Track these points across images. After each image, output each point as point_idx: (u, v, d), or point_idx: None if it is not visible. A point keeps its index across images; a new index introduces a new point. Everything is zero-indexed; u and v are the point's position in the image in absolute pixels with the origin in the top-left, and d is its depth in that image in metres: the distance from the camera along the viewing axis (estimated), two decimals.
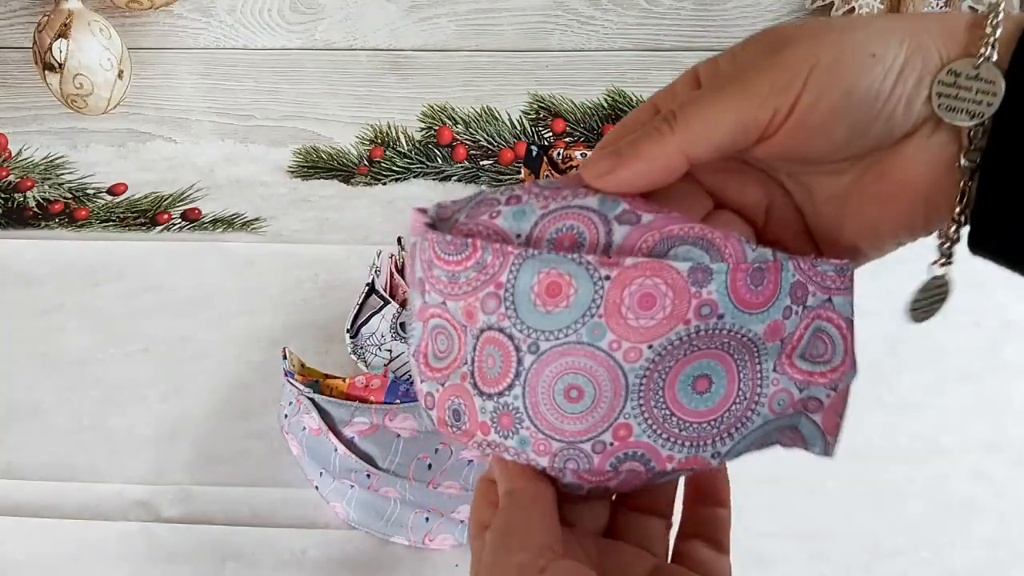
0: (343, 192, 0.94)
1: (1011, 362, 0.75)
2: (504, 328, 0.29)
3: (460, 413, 0.31)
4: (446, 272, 0.30)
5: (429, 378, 0.32)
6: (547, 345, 0.29)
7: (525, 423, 0.30)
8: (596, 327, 0.28)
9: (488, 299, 0.29)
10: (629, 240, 0.29)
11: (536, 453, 0.30)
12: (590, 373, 0.29)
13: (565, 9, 0.91)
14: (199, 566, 0.63)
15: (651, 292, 0.28)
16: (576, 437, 0.29)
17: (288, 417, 0.66)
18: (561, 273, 0.28)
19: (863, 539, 0.64)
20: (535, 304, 0.29)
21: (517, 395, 0.29)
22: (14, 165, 0.96)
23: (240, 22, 0.93)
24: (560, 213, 0.30)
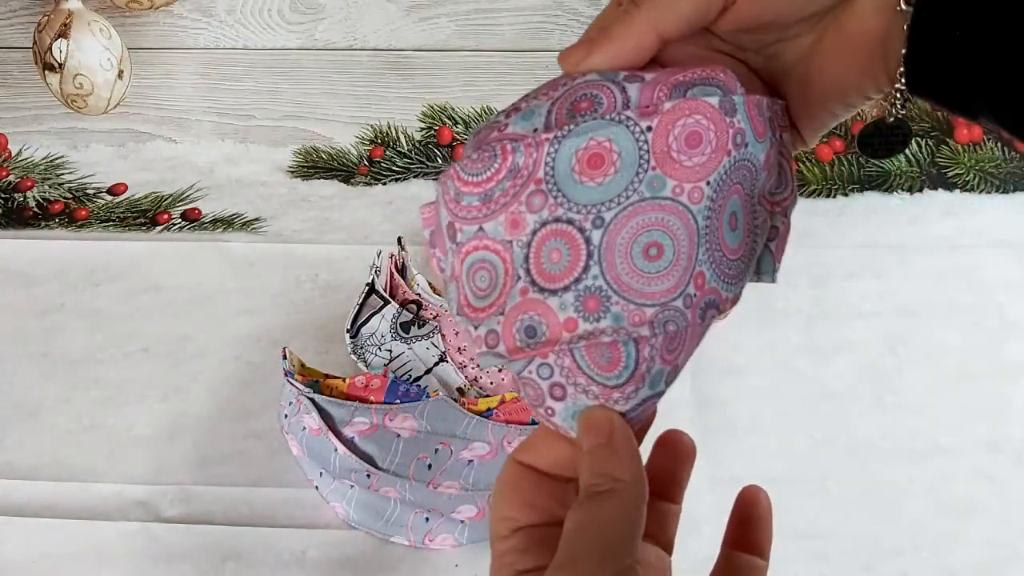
0: (343, 192, 0.94)
1: (1011, 362, 0.75)
2: (560, 216, 0.29)
3: (535, 327, 0.29)
4: (478, 194, 0.29)
5: (483, 318, 0.30)
6: (611, 214, 0.29)
7: (613, 299, 0.29)
8: (654, 179, 0.29)
9: (532, 198, 0.29)
10: (644, 95, 0.29)
11: (633, 324, 0.29)
12: (664, 225, 0.29)
13: (565, 9, 0.91)
14: (199, 566, 0.63)
15: (696, 129, 0.29)
16: (667, 297, 0.29)
17: (288, 417, 0.66)
18: (600, 141, 0.28)
19: (863, 539, 0.64)
20: (581, 182, 0.28)
21: (596, 274, 0.29)
22: (14, 165, 0.96)
23: (240, 22, 0.93)
24: (568, 92, 0.30)
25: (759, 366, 0.74)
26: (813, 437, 0.70)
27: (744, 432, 0.70)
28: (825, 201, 0.89)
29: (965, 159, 0.90)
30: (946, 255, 0.83)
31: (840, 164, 0.91)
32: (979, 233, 0.85)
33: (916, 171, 0.91)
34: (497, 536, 0.30)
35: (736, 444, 0.69)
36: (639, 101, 0.29)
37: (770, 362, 0.75)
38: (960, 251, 0.83)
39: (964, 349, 0.76)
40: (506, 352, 0.30)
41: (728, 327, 0.73)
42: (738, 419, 0.70)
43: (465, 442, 0.64)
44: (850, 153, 0.92)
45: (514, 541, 0.30)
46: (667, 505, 0.35)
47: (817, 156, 0.91)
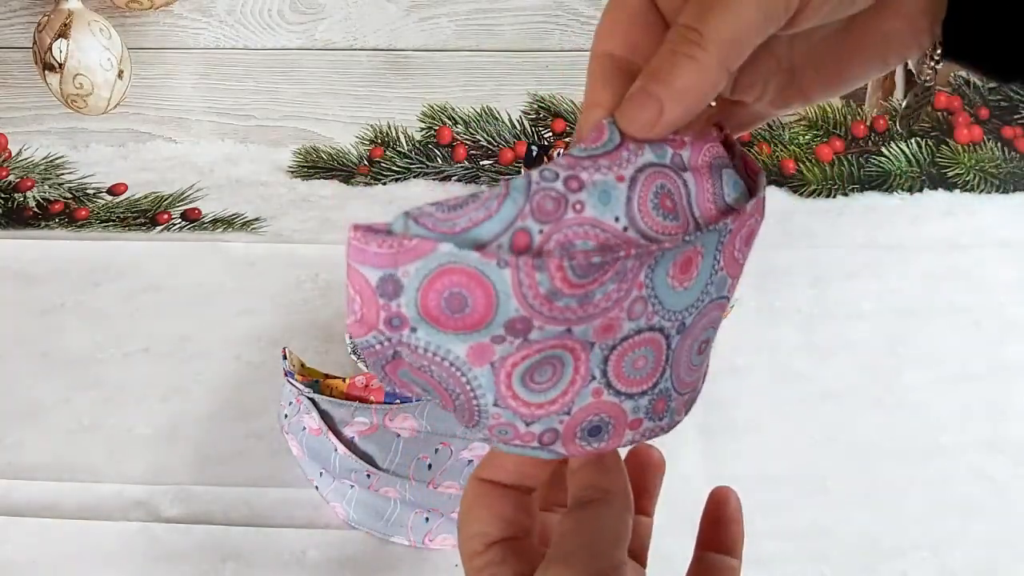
0: (343, 192, 0.94)
1: (1011, 362, 0.75)
2: (655, 325, 0.28)
3: (601, 427, 0.29)
4: (578, 296, 0.26)
5: (540, 416, 0.28)
6: (691, 319, 0.29)
7: (673, 396, 0.30)
8: (722, 280, 0.29)
9: (635, 304, 0.27)
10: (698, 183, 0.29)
11: (678, 415, 0.31)
12: (715, 323, 0.30)
13: (565, 9, 0.91)
14: (199, 566, 0.63)
15: (752, 230, 0.30)
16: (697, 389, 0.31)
17: (288, 417, 0.66)
18: (694, 249, 0.28)
19: (863, 539, 0.64)
20: (674, 288, 0.28)
21: (668, 377, 0.30)
22: (14, 165, 0.96)
23: (240, 22, 0.93)
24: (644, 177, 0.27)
25: (759, 366, 0.74)
26: (813, 437, 0.70)
27: (744, 432, 0.70)
28: (825, 201, 0.89)
29: (965, 159, 0.90)
30: (946, 255, 0.83)
31: (840, 164, 0.91)
32: (979, 233, 0.85)
33: (916, 171, 0.91)
34: (472, 553, 0.31)
35: (736, 444, 0.69)
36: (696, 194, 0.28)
37: (770, 362, 0.75)
38: (960, 251, 0.83)
39: (964, 349, 0.76)
40: (563, 451, 0.29)
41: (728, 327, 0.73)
42: (738, 419, 0.70)
43: (465, 442, 0.64)
44: (850, 153, 0.92)
45: (490, 555, 0.30)
46: (639, 518, 0.36)
47: (817, 156, 0.91)
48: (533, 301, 0.25)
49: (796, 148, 0.92)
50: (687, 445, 0.67)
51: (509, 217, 0.26)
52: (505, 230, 0.25)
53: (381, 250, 0.25)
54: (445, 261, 0.25)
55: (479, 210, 0.25)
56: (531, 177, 0.26)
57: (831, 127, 0.93)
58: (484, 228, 0.25)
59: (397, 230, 0.25)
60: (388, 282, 0.25)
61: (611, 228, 0.26)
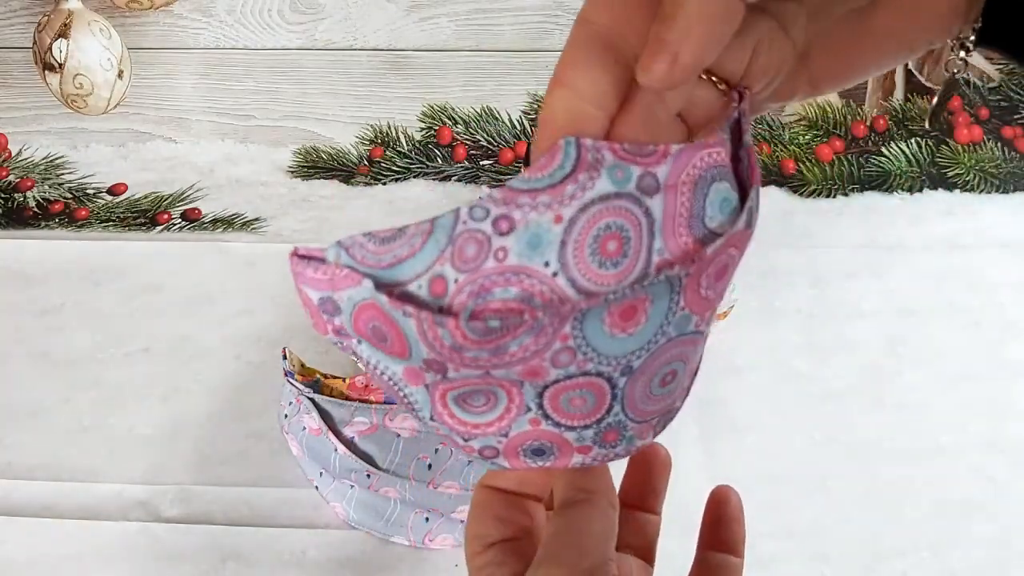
0: (343, 192, 0.94)
1: (1011, 362, 0.75)
2: (589, 371, 0.26)
3: (545, 450, 0.29)
4: (489, 349, 0.25)
5: (477, 435, 0.28)
6: (639, 361, 0.27)
7: (629, 426, 0.29)
8: (682, 319, 0.27)
9: (559, 355, 0.25)
10: (668, 213, 0.26)
11: (641, 439, 0.30)
12: (682, 357, 0.28)
13: (565, 9, 0.91)
14: (199, 566, 0.63)
15: (724, 264, 0.27)
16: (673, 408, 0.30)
17: (288, 417, 0.66)
18: (636, 298, 0.25)
19: (863, 539, 0.64)
20: (611, 335, 0.26)
21: (617, 412, 0.28)
22: (14, 165, 0.96)
23: (240, 22, 0.93)
24: (586, 218, 0.25)
25: (759, 366, 0.74)
26: (813, 437, 0.70)
27: (744, 432, 0.70)
28: (825, 201, 0.89)
29: (965, 159, 0.90)
30: (946, 255, 0.83)
31: (840, 164, 0.91)
32: (979, 233, 0.85)
33: (916, 171, 0.91)
34: (473, 554, 0.32)
35: (736, 444, 0.69)
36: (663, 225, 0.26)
37: (770, 362, 0.75)
38: (960, 251, 0.83)
39: (964, 349, 0.76)
40: (507, 465, 0.30)
41: (728, 327, 0.73)
42: (738, 419, 0.70)
43: None
44: (850, 153, 0.92)
45: (489, 555, 0.32)
46: (646, 516, 0.36)
47: (817, 156, 0.91)
48: (441, 351, 0.25)
49: (796, 148, 0.92)
50: (687, 445, 0.67)
51: (430, 259, 0.25)
52: (426, 270, 0.25)
53: (317, 275, 0.26)
54: (367, 296, 0.25)
55: (403, 247, 0.25)
56: (459, 215, 0.25)
57: (831, 127, 0.93)
58: (406, 266, 0.25)
59: (330, 259, 0.26)
60: (327, 302, 0.26)
61: (538, 274, 0.25)
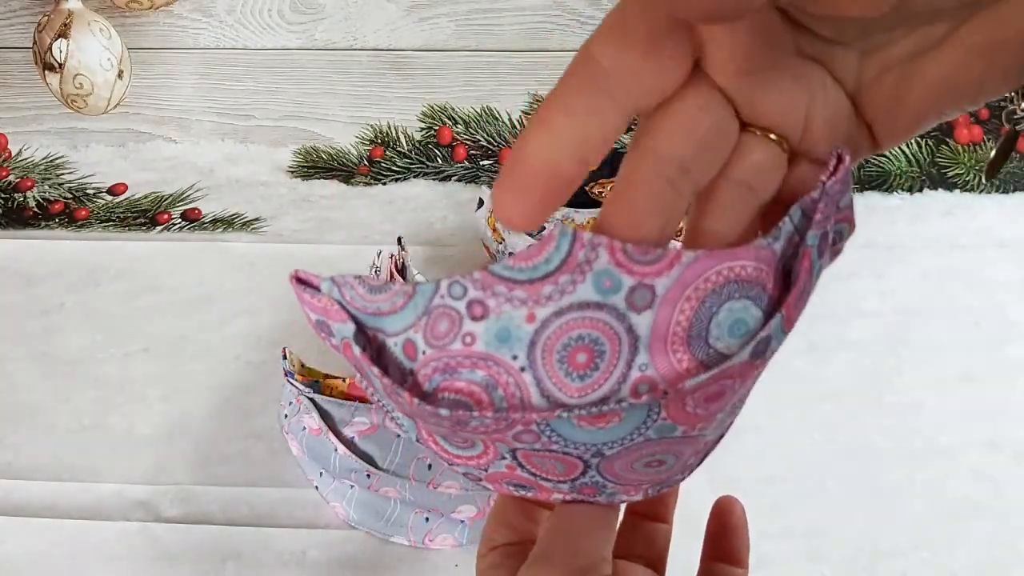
0: (343, 192, 0.94)
1: (1011, 362, 0.75)
2: (555, 450, 0.25)
3: (525, 487, 0.29)
4: (447, 425, 0.25)
5: (459, 464, 0.28)
6: (612, 451, 0.25)
7: (609, 487, 0.28)
8: (664, 427, 0.25)
9: (522, 435, 0.25)
10: (658, 330, 0.24)
11: (627, 495, 0.29)
12: (670, 451, 0.26)
13: (565, 9, 0.91)
14: (199, 566, 0.63)
15: (718, 391, 0.24)
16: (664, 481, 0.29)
17: (288, 417, 0.66)
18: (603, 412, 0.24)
19: (863, 539, 0.64)
20: (580, 426, 0.24)
21: (594, 474, 0.27)
22: (14, 165, 0.96)
23: (240, 22, 0.93)
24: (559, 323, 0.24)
25: None
26: (813, 437, 0.70)
27: (743, 432, 0.69)
28: None
29: (965, 159, 0.90)
30: (946, 255, 0.83)
31: None
32: (979, 233, 0.85)
33: (916, 171, 0.91)
34: (479, 555, 0.33)
35: (735, 444, 0.68)
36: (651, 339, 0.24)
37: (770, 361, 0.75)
38: (960, 251, 0.83)
39: (964, 349, 0.75)
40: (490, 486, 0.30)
41: None
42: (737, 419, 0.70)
43: None
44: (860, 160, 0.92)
45: (491, 558, 0.32)
46: (655, 525, 0.36)
47: None
48: (408, 409, 0.25)
49: None
50: None
51: (407, 322, 0.25)
52: (403, 331, 0.25)
53: (313, 301, 0.26)
54: (349, 335, 0.25)
55: (386, 302, 0.25)
56: (439, 287, 0.25)
57: None
58: (388, 320, 0.25)
59: (324, 291, 0.26)
60: (322, 326, 0.26)
61: (505, 364, 0.24)
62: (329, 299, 0.26)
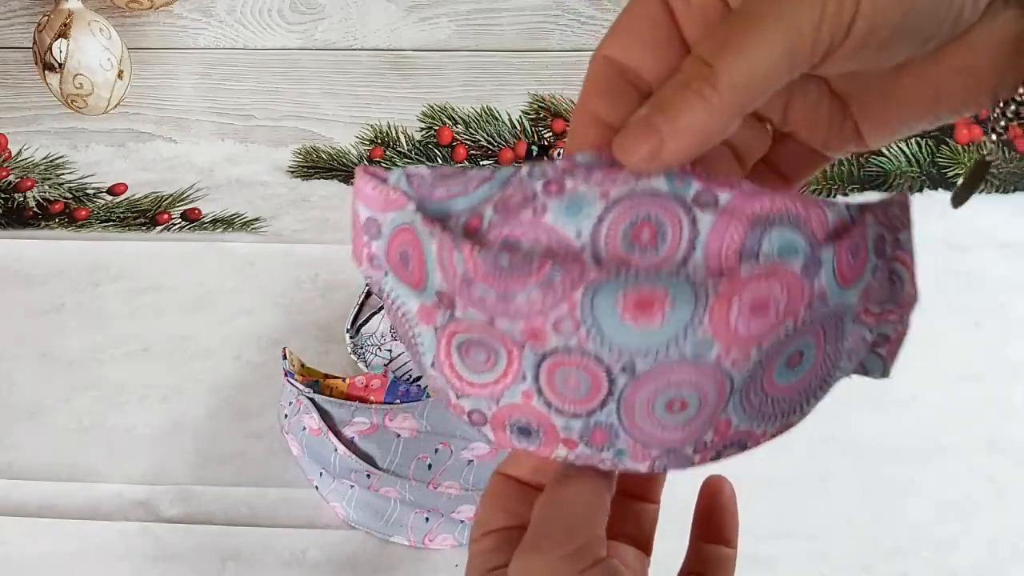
0: (343, 192, 0.94)
1: (1011, 362, 0.75)
2: (588, 351, 0.25)
3: (531, 431, 0.27)
4: (496, 292, 0.25)
5: (471, 393, 0.27)
6: (644, 364, 0.25)
7: (621, 437, 0.27)
8: (703, 342, 0.25)
9: (562, 321, 0.25)
10: (716, 231, 0.25)
11: (634, 460, 0.27)
12: (695, 386, 0.26)
13: (565, 9, 0.91)
14: (199, 566, 0.63)
15: (765, 297, 0.25)
16: (677, 444, 0.27)
17: (288, 417, 0.66)
18: (655, 290, 0.24)
19: (863, 539, 0.64)
20: (622, 320, 0.25)
21: (611, 411, 0.26)
22: (14, 165, 0.96)
23: (240, 22, 0.93)
24: (628, 202, 0.25)
25: None
26: (812, 437, 0.70)
27: None
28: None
29: (965, 159, 0.90)
30: (946, 255, 0.83)
31: (840, 164, 0.91)
32: (979, 233, 0.85)
33: (916, 171, 0.91)
34: (472, 540, 0.32)
35: None
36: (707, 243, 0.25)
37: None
38: (960, 251, 0.83)
39: (964, 349, 0.75)
40: (492, 438, 0.28)
41: None
42: None
43: (465, 442, 0.64)
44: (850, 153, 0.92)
45: (484, 543, 0.31)
46: (643, 505, 0.35)
47: None
48: (452, 280, 0.26)
49: None
50: None
51: (477, 200, 0.26)
52: (469, 209, 0.26)
53: (373, 193, 0.27)
54: (407, 220, 0.26)
55: (458, 185, 0.26)
56: (520, 171, 0.26)
57: None
58: (456, 202, 0.26)
59: (391, 181, 0.27)
60: (372, 224, 0.27)
61: (566, 240, 0.25)
62: (393, 188, 0.27)
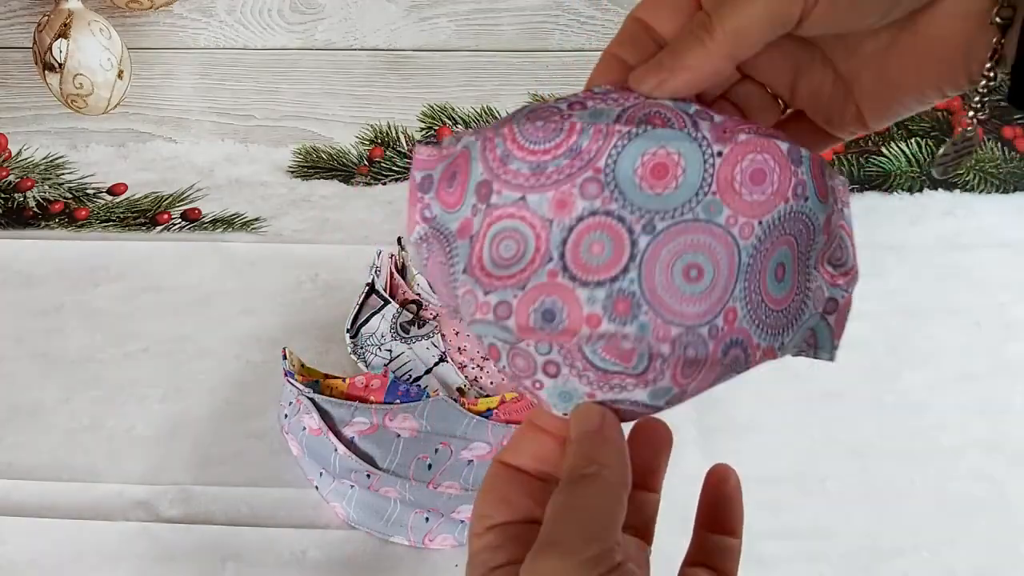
0: (343, 192, 0.94)
1: (1011, 362, 0.75)
2: (612, 211, 0.28)
3: (555, 312, 0.28)
4: (530, 163, 0.29)
5: (497, 287, 0.29)
6: (663, 224, 0.28)
7: (643, 308, 0.28)
8: (712, 204, 0.28)
9: (588, 184, 0.28)
10: (714, 129, 0.29)
11: (657, 339, 0.28)
12: (709, 251, 0.28)
13: (565, 9, 0.91)
14: (199, 566, 0.63)
15: (762, 168, 0.29)
16: (695, 320, 0.28)
17: (288, 417, 0.66)
18: (669, 152, 0.28)
19: (863, 539, 0.64)
20: (640, 186, 0.28)
21: (633, 279, 0.28)
22: (14, 165, 0.96)
23: (240, 22, 0.93)
24: (640, 105, 0.30)
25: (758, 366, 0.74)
26: (813, 437, 0.70)
27: (743, 431, 0.70)
28: None
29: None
30: (946, 255, 0.83)
31: (840, 164, 0.91)
32: (979, 233, 0.85)
33: (916, 171, 0.91)
34: (473, 534, 0.31)
35: (735, 443, 0.69)
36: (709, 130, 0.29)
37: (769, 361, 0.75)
38: (960, 251, 0.83)
39: (964, 349, 0.76)
40: (515, 329, 0.29)
41: None
42: (737, 418, 0.70)
43: (465, 442, 0.64)
44: (850, 153, 0.92)
45: (488, 538, 0.30)
46: (645, 494, 0.35)
47: None
48: (492, 163, 0.30)
49: None
50: (687, 445, 0.67)
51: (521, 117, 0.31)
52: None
53: (431, 153, 0.32)
54: (467, 143, 0.31)
55: None
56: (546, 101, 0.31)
57: None
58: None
59: (446, 144, 0.32)
60: (426, 180, 0.31)
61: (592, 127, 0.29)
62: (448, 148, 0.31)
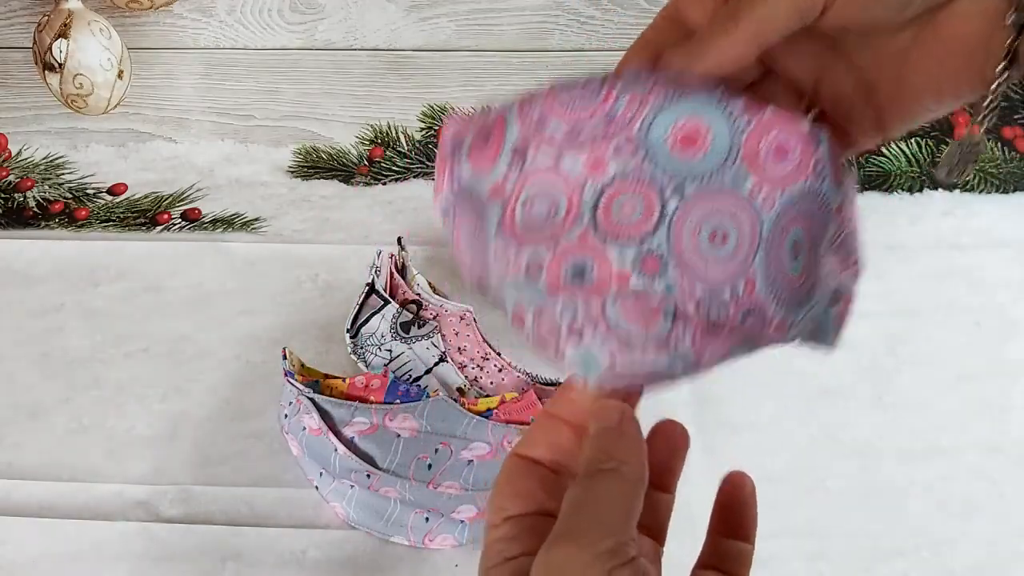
0: (343, 192, 0.94)
1: (1011, 362, 0.75)
2: (644, 173, 0.30)
3: (585, 269, 0.30)
4: (566, 125, 0.30)
5: (531, 245, 0.30)
6: (692, 188, 0.30)
7: (671, 266, 0.29)
8: (739, 172, 0.30)
9: (622, 147, 0.30)
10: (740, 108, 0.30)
11: (683, 298, 0.29)
12: (734, 218, 0.30)
13: (565, 9, 0.91)
14: (199, 566, 0.63)
15: (785, 143, 0.30)
16: (718, 284, 0.30)
17: (288, 417, 0.66)
18: (699, 121, 0.30)
19: (863, 539, 0.64)
20: (671, 152, 0.30)
21: (662, 240, 0.29)
22: (14, 165, 0.96)
23: (240, 22, 0.93)
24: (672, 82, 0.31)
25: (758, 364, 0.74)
26: (812, 436, 0.70)
27: (743, 430, 0.70)
28: None
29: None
30: (946, 255, 0.83)
31: None
32: (979, 233, 0.85)
33: (916, 171, 0.91)
34: (490, 525, 0.31)
35: (735, 442, 0.69)
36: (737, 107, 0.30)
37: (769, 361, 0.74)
38: (960, 251, 0.83)
39: (964, 349, 0.76)
40: (545, 287, 0.30)
41: None
42: (737, 417, 0.70)
43: (465, 442, 0.64)
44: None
45: (504, 529, 0.30)
46: (659, 495, 0.35)
47: None
48: (528, 125, 0.31)
49: None
50: None
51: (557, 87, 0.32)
52: None
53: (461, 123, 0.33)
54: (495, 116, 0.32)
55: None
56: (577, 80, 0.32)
57: None
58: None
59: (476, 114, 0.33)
60: (457, 146, 0.33)
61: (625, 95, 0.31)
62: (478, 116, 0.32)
